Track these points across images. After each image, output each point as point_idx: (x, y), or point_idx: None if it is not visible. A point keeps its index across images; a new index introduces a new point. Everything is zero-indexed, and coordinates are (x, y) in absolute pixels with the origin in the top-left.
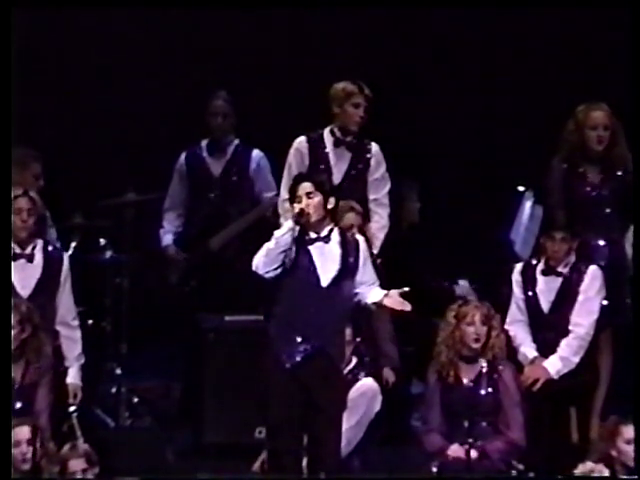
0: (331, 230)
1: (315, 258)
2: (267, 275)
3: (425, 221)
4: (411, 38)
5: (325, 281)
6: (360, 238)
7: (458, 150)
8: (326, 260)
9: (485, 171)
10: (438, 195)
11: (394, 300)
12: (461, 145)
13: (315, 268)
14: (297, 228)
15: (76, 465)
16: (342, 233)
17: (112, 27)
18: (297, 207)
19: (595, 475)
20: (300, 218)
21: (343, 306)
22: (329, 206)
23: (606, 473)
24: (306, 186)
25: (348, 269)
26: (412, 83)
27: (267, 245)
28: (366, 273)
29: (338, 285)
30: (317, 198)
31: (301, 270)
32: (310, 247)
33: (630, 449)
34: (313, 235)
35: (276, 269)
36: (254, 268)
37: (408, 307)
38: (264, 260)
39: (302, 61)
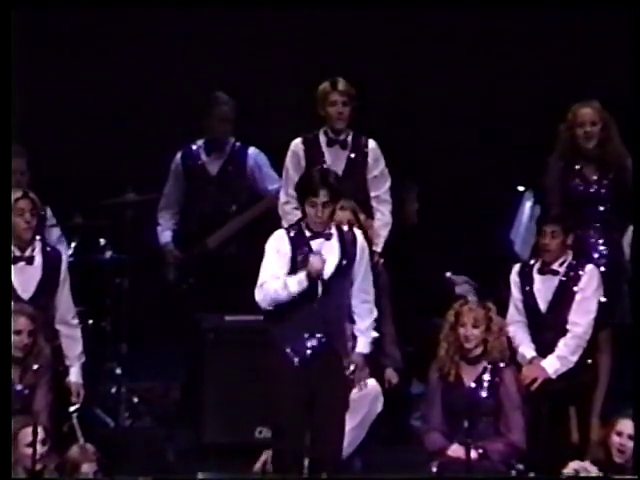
0: (330, 228)
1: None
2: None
3: (424, 222)
4: (411, 38)
5: (326, 274)
6: (357, 232)
7: (457, 150)
8: (326, 254)
9: (485, 171)
10: (437, 196)
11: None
12: (460, 145)
13: None
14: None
15: (89, 468)
16: (339, 228)
17: (112, 27)
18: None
19: (583, 475)
20: (311, 275)
21: (344, 297)
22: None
23: (593, 471)
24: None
25: (347, 260)
26: (412, 84)
27: (277, 289)
28: (362, 267)
29: (339, 277)
30: (329, 209)
31: (302, 267)
32: (310, 242)
33: (618, 440)
34: (313, 232)
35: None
36: (257, 300)
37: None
38: (269, 302)
39: (302, 61)
